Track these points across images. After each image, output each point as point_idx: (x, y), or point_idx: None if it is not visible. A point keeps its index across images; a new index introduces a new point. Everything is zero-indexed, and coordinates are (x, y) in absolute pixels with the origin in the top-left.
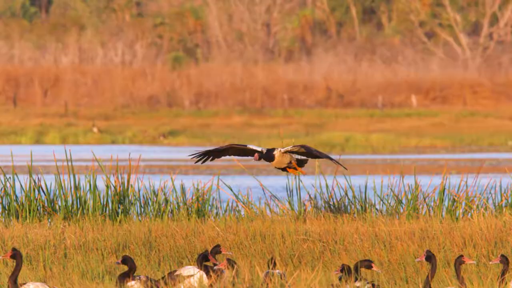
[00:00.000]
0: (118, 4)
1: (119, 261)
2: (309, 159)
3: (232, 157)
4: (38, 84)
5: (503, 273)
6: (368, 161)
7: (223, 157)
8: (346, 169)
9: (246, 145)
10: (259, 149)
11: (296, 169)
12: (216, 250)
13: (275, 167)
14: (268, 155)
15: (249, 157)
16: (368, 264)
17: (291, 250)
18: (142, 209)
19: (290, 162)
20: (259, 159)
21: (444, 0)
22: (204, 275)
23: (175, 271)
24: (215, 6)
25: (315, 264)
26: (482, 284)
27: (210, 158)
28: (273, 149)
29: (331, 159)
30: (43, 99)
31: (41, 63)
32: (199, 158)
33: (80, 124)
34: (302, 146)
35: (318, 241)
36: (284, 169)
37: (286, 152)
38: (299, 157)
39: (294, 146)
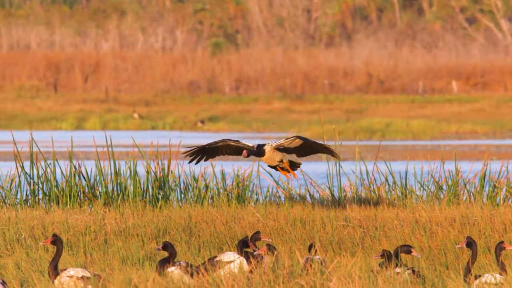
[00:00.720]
0: None
1: (160, 247)
2: (301, 163)
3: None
4: (79, 70)
5: None
6: (409, 147)
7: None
8: (339, 159)
9: (238, 141)
10: (250, 144)
11: (288, 171)
12: (256, 237)
13: (268, 166)
14: (258, 151)
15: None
16: (407, 249)
17: (331, 236)
18: (182, 195)
19: (281, 161)
20: (248, 155)
21: None
22: (244, 261)
23: (215, 257)
24: None
25: (355, 250)
26: None
27: (204, 158)
28: (264, 144)
29: (329, 149)
30: (83, 85)
31: (82, 49)
32: (192, 157)
33: (120, 110)
34: (296, 137)
35: (358, 227)
36: (275, 168)
37: (277, 148)
38: (297, 158)
39: (287, 139)
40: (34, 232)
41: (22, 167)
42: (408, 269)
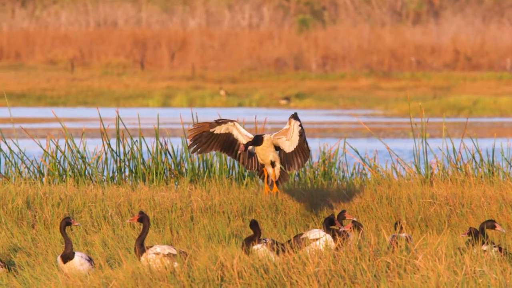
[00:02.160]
0: None
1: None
2: (290, 176)
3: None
4: (165, 47)
5: None
6: (496, 124)
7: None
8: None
9: (240, 131)
10: (250, 135)
11: (270, 182)
12: (342, 216)
13: (259, 162)
14: (255, 139)
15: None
16: (491, 224)
17: (418, 213)
18: None
19: (273, 164)
20: (246, 149)
21: None
22: (330, 238)
23: (301, 234)
24: None
25: (442, 228)
26: None
27: (208, 148)
28: (263, 134)
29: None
30: (170, 62)
31: (168, 26)
32: (195, 147)
33: (207, 87)
34: (292, 117)
35: (445, 205)
36: (261, 175)
37: (275, 144)
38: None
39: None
40: (120, 209)
41: (109, 145)
42: (495, 246)
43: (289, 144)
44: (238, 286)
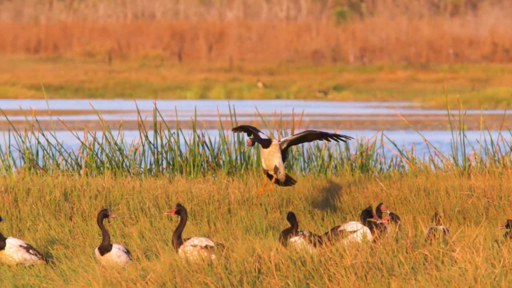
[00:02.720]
0: None
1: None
2: (297, 181)
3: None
4: (203, 39)
5: None
6: None
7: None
8: (349, 139)
9: (257, 130)
10: (263, 136)
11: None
12: (380, 208)
13: (263, 167)
14: (264, 140)
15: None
16: None
17: (455, 205)
18: (306, 164)
19: (277, 169)
20: (253, 144)
21: None
22: (368, 231)
23: (338, 226)
24: None
25: (479, 220)
26: None
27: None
28: (272, 139)
29: (338, 136)
30: (208, 54)
31: (206, 18)
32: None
33: (244, 79)
34: (306, 131)
35: (483, 197)
36: (267, 175)
37: (284, 143)
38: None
39: (299, 133)
40: (158, 201)
41: (146, 137)
42: None
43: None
44: (276, 278)
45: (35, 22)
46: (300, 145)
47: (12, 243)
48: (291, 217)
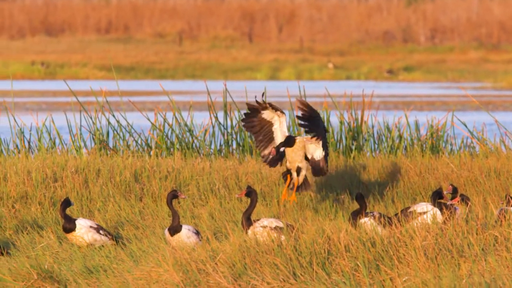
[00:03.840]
0: None
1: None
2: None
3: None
4: (273, 20)
5: None
6: None
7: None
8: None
9: (282, 126)
10: (287, 133)
11: (293, 189)
12: (449, 190)
13: (287, 165)
14: (288, 140)
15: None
16: None
17: None
18: (376, 145)
19: (299, 169)
20: (277, 152)
21: None
22: (438, 212)
23: (408, 207)
24: None
25: None
26: None
27: (249, 128)
28: (296, 136)
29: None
30: (278, 35)
31: None
32: (244, 122)
33: (315, 60)
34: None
35: None
36: (286, 176)
37: (306, 144)
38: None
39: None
40: (227, 182)
41: (216, 118)
42: None
43: (317, 150)
44: (345, 260)
45: (106, 3)
46: (370, 125)
47: (82, 224)
48: (360, 197)
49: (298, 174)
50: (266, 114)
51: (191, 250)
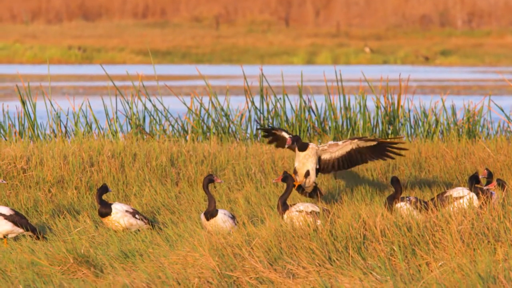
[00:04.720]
0: None
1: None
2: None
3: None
4: (310, 4)
5: None
6: None
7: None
8: (401, 154)
9: (283, 131)
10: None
11: (298, 191)
12: (485, 174)
13: (295, 167)
14: (301, 143)
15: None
16: None
17: None
18: (412, 130)
19: (308, 175)
20: (292, 143)
21: None
22: (475, 197)
23: (444, 192)
24: None
25: None
26: None
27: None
28: (309, 143)
29: (385, 142)
30: (315, 19)
31: None
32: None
33: (351, 44)
34: (353, 139)
35: None
36: (301, 189)
37: (324, 153)
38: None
39: (344, 141)
40: (263, 167)
41: (252, 102)
42: None
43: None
44: (381, 244)
45: None
46: (406, 110)
47: (118, 208)
48: (395, 181)
49: (305, 178)
50: (282, 133)
51: (227, 235)
